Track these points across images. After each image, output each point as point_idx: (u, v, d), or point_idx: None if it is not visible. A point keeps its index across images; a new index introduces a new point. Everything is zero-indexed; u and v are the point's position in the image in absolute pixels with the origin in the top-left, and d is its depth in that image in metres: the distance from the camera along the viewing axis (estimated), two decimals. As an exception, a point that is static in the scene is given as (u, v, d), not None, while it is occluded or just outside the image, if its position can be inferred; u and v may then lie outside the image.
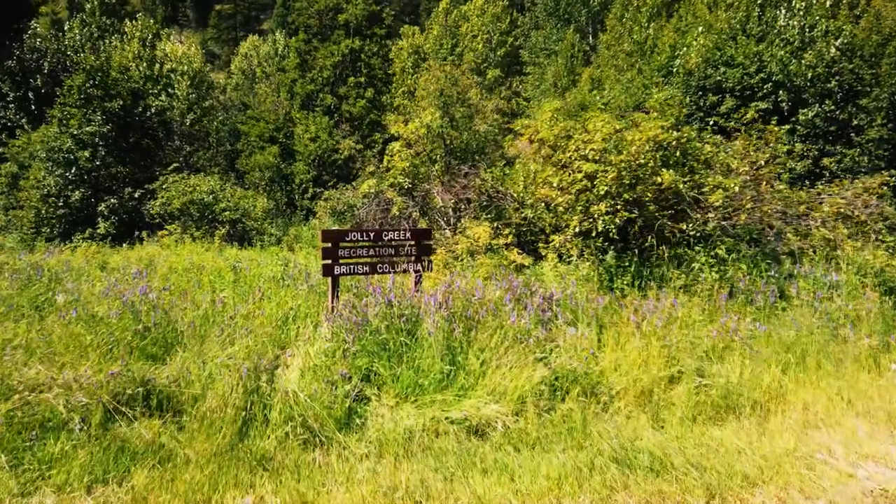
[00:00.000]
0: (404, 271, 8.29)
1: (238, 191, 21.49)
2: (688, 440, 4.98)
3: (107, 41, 39.75)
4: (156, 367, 6.64)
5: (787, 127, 18.52)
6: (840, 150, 19.04)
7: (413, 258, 8.33)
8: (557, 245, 8.89)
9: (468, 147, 13.40)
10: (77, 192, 20.92)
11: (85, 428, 4.91)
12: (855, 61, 22.74)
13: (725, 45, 25.63)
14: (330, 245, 7.82)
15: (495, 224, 11.18)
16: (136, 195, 21.41)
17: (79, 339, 7.12)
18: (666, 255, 8.97)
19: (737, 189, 8.60)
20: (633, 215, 8.55)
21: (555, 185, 9.02)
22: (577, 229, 8.58)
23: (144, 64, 35.85)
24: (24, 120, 34.22)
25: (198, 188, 19.63)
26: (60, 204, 20.96)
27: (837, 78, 22.20)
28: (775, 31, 24.64)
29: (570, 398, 5.51)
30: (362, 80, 26.07)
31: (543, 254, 10.44)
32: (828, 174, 16.68)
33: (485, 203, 12.14)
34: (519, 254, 10.41)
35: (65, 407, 4.96)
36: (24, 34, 37.15)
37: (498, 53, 47.91)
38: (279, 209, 25.11)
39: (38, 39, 37.90)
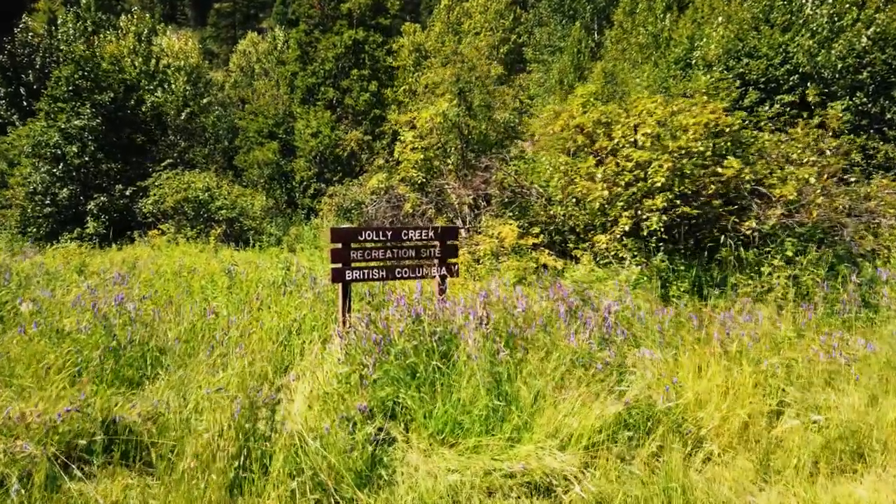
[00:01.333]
0: (426, 276, 7.09)
1: (235, 188, 20.29)
2: (820, 501, 3.78)
3: (101, 36, 38.55)
4: (129, 394, 5.45)
5: (816, 121, 17.41)
6: (872, 145, 17.87)
7: (436, 261, 7.14)
8: (603, 245, 7.69)
9: (486, 138, 12.20)
10: (65, 190, 19.70)
11: (27, 488, 3.71)
12: (888, 51, 21.52)
13: (748, 35, 24.41)
14: (340, 246, 6.63)
15: (520, 222, 9.99)
16: (128, 193, 20.20)
17: (41, 358, 5.94)
18: (726, 257, 7.79)
19: (812, 180, 7.41)
20: (696, 211, 7.36)
21: (598, 177, 7.83)
22: (625, 227, 7.38)
23: (140, 59, 34.64)
24: (15, 116, 33.04)
25: (193, 185, 18.43)
26: (47, 202, 19.75)
27: (869, 69, 20.99)
28: (801, 20, 23.44)
29: (651, 441, 4.31)
30: (366, 72, 24.84)
31: (577, 256, 9.26)
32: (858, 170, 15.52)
33: (507, 199, 10.95)
34: (549, 255, 9.22)
35: (1, 462, 3.76)
36: (15, 28, 35.95)
37: (501, 51, 46.71)
38: (279, 208, 23.90)
39: (30, 34, 36.74)
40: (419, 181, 11.26)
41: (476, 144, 12.11)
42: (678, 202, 7.27)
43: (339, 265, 6.61)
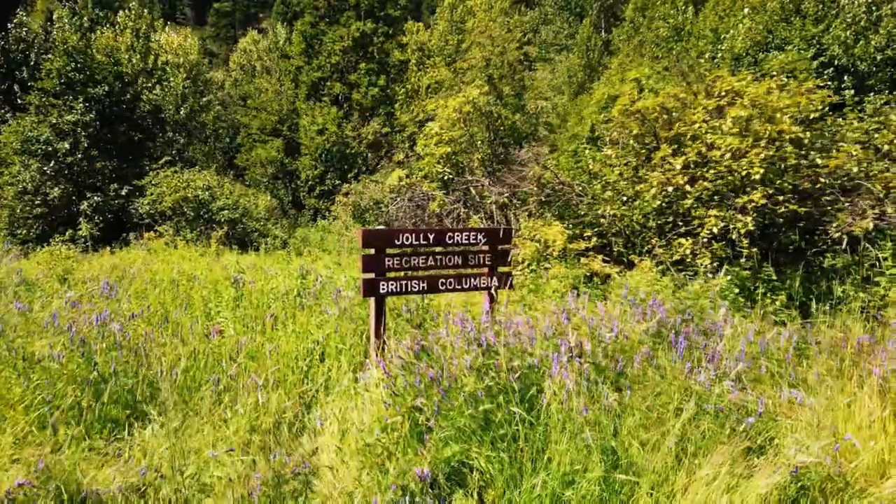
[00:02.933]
0: (475, 288, 5.88)
1: (238, 187, 19.06)
2: None
3: (98, 32, 37.38)
4: (112, 444, 4.24)
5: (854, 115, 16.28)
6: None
7: (486, 269, 5.93)
8: (688, 251, 6.46)
9: (516, 130, 10.98)
10: (56, 189, 18.45)
11: None
12: (932, 42, 20.33)
13: (777, 27, 23.23)
14: (373, 252, 5.43)
15: (565, 223, 8.79)
16: (124, 192, 18.95)
17: (4, 393, 4.76)
18: (818, 264, 6.58)
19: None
20: (805, 209, 6.15)
21: (678, 167, 6.62)
22: (714, 229, 6.16)
23: (138, 56, 33.49)
24: (9, 115, 31.85)
25: (192, 184, 17.20)
26: (38, 202, 18.51)
27: (910, 61, 19.79)
28: (834, 11, 22.25)
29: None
30: (374, 66, 23.61)
31: (633, 262, 8.05)
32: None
33: (545, 198, 9.74)
34: (605, 261, 8.02)
35: None
36: (10, 23, 34.77)
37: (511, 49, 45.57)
38: (283, 209, 22.67)
39: (25, 30, 35.56)
40: (446, 177, 10.06)
41: (506, 137, 10.90)
42: (781, 198, 6.07)
43: (372, 275, 5.41)
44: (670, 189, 7.42)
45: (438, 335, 4.59)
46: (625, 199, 8.68)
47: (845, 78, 18.02)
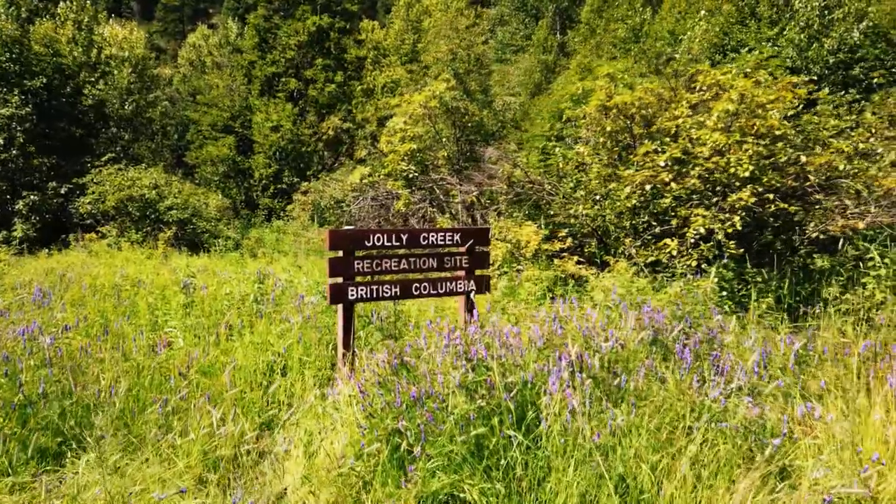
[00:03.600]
0: (452, 293, 5.44)
1: (187, 186, 18.15)
2: None
3: (37, 23, 35.50)
4: (42, 476, 3.65)
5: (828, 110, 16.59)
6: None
7: (463, 272, 5.49)
8: (674, 253, 6.15)
9: (483, 127, 10.59)
10: (-12, 187, 17.28)
11: None
12: (880, 46, 20.89)
13: (733, 29, 23.60)
14: (341, 254, 4.93)
15: (537, 223, 8.44)
16: (63, 191, 17.87)
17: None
18: (803, 263, 6.37)
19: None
20: (796, 208, 5.91)
21: (661, 164, 6.30)
22: (700, 229, 5.86)
23: (80, 48, 31.91)
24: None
25: (138, 182, 16.26)
26: (-32, 202, 17.30)
27: (862, 64, 20.27)
28: (788, 14, 22.67)
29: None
30: (331, 62, 22.91)
31: (608, 263, 7.76)
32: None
33: (515, 197, 9.37)
34: (579, 263, 7.69)
35: None
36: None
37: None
38: (236, 208, 21.76)
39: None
40: (411, 175, 9.58)
41: (472, 134, 10.50)
42: (771, 196, 5.81)
43: (340, 280, 4.91)
44: (648, 188, 7.13)
45: (418, 346, 4.13)
46: (597, 197, 8.38)
47: (798, 79, 18.27)
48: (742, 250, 5.92)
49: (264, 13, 23.47)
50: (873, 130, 7.83)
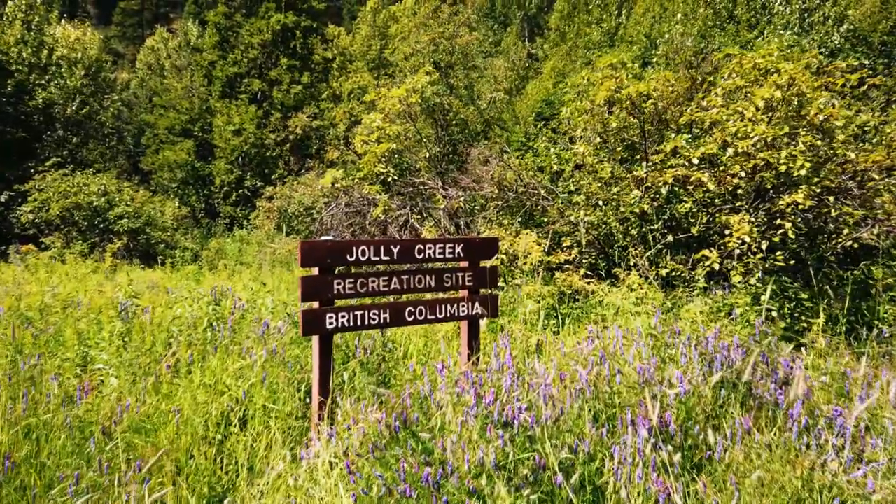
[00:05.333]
0: (454, 317, 4.41)
1: (141, 193, 16.76)
2: None
3: (-19, 23, 33.53)
4: None
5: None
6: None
7: (467, 292, 4.47)
8: (716, 265, 5.23)
9: (467, 126, 9.63)
10: (-82, 195, 15.67)
11: None
12: (861, 49, 20.58)
13: (711, 32, 23.20)
14: (317, 271, 3.87)
15: (536, 231, 7.50)
16: (3, 199, 16.34)
17: None
18: (856, 278, 5.53)
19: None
20: (861, 212, 5.05)
21: (695, 162, 5.40)
22: (745, 237, 4.95)
23: (29, 50, 30.13)
24: None
25: (86, 188, 14.87)
26: None
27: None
28: (766, 17, 22.37)
29: None
30: (297, 63, 21.74)
31: (618, 275, 6.86)
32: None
33: (506, 202, 8.43)
34: (586, 277, 6.76)
35: None
36: None
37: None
38: (195, 217, 20.39)
39: None
40: (388, 179, 8.55)
41: (456, 134, 9.52)
42: (831, 199, 4.95)
43: (315, 304, 3.86)
44: (664, 190, 6.25)
45: (420, 395, 3.11)
46: (599, 202, 7.48)
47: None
48: (793, 261, 5.05)
49: (225, 11, 22.19)
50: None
